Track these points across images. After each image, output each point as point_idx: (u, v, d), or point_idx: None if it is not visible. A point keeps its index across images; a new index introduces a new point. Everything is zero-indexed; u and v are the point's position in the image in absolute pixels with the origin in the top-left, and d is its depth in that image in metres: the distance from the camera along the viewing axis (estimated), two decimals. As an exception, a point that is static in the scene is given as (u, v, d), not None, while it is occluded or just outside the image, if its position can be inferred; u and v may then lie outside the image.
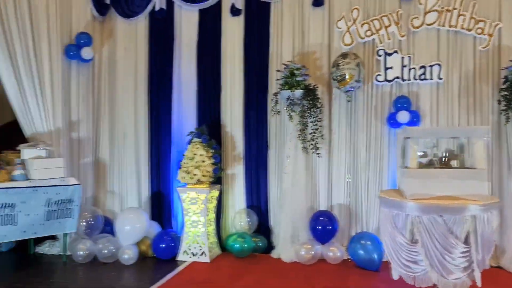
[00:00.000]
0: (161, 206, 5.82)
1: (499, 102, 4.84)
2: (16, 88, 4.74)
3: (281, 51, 5.55)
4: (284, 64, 5.25)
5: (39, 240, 5.38)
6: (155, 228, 5.50)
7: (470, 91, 5.11)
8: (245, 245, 5.20)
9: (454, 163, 3.17)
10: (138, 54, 5.85)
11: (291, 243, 5.20)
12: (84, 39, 5.33)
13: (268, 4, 5.55)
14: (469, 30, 5.05)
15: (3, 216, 4.39)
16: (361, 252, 4.76)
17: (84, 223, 5.12)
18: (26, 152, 4.68)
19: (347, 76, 4.99)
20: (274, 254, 5.30)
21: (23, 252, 5.35)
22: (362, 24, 5.31)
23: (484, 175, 2.93)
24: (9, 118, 6.06)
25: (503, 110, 4.73)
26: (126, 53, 5.86)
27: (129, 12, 5.79)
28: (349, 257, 5.02)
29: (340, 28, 5.37)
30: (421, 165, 3.23)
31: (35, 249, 5.37)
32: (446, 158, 3.18)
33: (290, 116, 5.15)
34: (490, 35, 5.02)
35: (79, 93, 5.52)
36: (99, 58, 5.82)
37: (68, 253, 5.10)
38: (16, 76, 4.71)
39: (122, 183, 5.89)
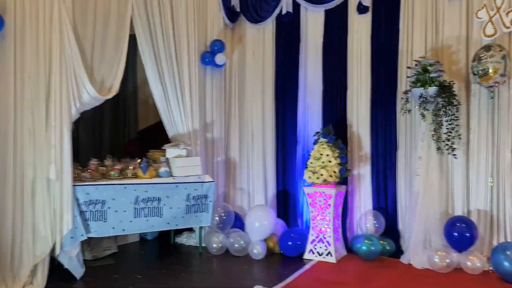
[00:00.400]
0: (286, 204, 5.98)
1: None
2: (161, 93, 5.27)
3: (412, 47, 5.29)
4: (415, 60, 5.00)
5: (178, 231, 5.91)
6: (281, 226, 5.66)
7: None
8: (372, 248, 5.07)
9: None
10: (265, 57, 6.08)
11: (423, 248, 4.92)
12: (217, 46, 5.72)
13: (398, -1, 5.33)
14: None
15: (151, 208, 4.92)
16: (506, 264, 4.30)
17: (217, 218, 5.48)
18: (170, 151, 5.19)
19: (490, 70, 4.56)
20: (404, 259, 5.06)
21: (165, 241, 5.93)
22: (507, 12, 4.79)
23: None
24: (151, 121, 6.78)
25: None
26: (254, 57, 6.13)
27: (257, 18, 6.06)
28: (490, 268, 4.57)
29: (480, 18, 4.91)
30: None
31: (174, 239, 5.91)
32: None
33: (423, 115, 4.88)
34: None
35: (213, 96, 5.95)
36: (229, 62, 6.19)
37: (203, 244, 5.52)
38: (161, 82, 5.24)
39: (250, 181, 6.18)
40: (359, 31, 5.54)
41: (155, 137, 6.08)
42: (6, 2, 3.80)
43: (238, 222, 5.70)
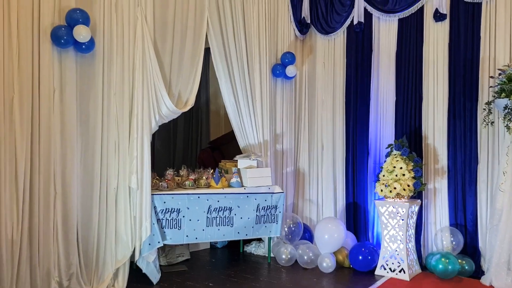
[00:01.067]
0: (356, 217, 5.85)
1: None
2: (234, 105, 5.41)
3: (495, 55, 4.98)
4: (499, 69, 4.71)
5: (247, 241, 6.01)
6: (351, 239, 5.56)
7: None
8: (449, 267, 4.82)
9: None
10: (336, 68, 6.03)
11: (507, 270, 4.59)
12: (288, 58, 5.77)
13: (479, 4, 5.05)
14: None
15: (222, 218, 5.05)
16: None
17: (286, 229, 5.50)
18: (241, 162, 5.30)
19: None
20: (485, 280, 4.75)
21: (235, 250, 6.05)
22: None
23: None
24: (223, 131, 6.98)
25: None
26: (324, 68, 6.11)
27: (328, 29, 6.04)
28: None
29: None
30: None
31: (244, 248, 6.01)
32: None
33: (508, 128, 4.57)
34: None
35: (283, 108, 5.99)
36: (300, 74, 6.21)
37: (272, 255, 5.56)
38: (234, 94, 5.37)
39: (319, 192, 6.13)
40: (436, 39, 5.32)
41: (226, 147, 6.25)
42: (96, 24, 4.12)
43: (307, 234, 5.69)
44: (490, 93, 4.86)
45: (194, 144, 7.35)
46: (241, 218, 5.17)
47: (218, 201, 5.04)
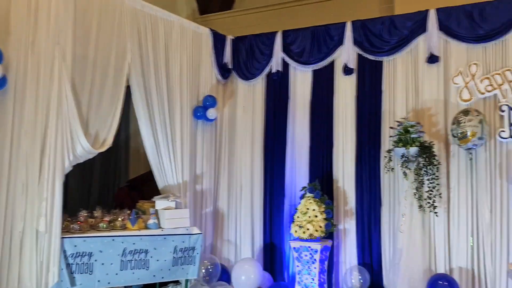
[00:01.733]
0: (273, 257, 6.02)
1: None
2: (153, 145, 5.37)
3: (394, 108, 5.58)
4: (397, 121, 5.26)
5: (163, 283, 5.86)
6: (267, 279, 5.68)
7: None
8: (358, 305, 5.12)
9: None
10: (255, 112, 6.32)
11: (407, 306, 4.99)
12: (209, 101, 5.94)
13: (381, 63, 5.67)
14: None
15: (138, 260, 4.91)
16: (488, 324, 4.38)
17: (204, 270, 5.49)
18: (159, 203, 5.25)
19: (469, 134, 4.82)
20: (391, 316, 5.12)
21: (150, 293, 5.87)
22: (482, 80, 5.13)
23: None
24: (142, 170, 6.87)
25: None
26: (244, 112, 6.37)
27: (248, 75, 6.35)
28: (473, 328, 4.64)
29: (457, 84, 5.25)
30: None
31: (160, 291, 5.86)
32: None
33: (405, 174, 5.08)
34: None
35: (203, 149, 6.08)
36: (220, 117, 6.39)
37: (188, 297, 5.48)
38: (154, 134, 5.35)
39: (238, 233, 6.23)
40: (345, 91, 5.84)
41: (147, 186, 6.16)
42: (9, 61, 3.98)
43: (225, 275, 5.71)
44: (390, 142, 5.37)
45: (111, 183, 7.13)
46: (158, 260, 5.06)
47: (134, 243, 4.90)
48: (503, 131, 4.99)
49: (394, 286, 5.15)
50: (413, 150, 5.02)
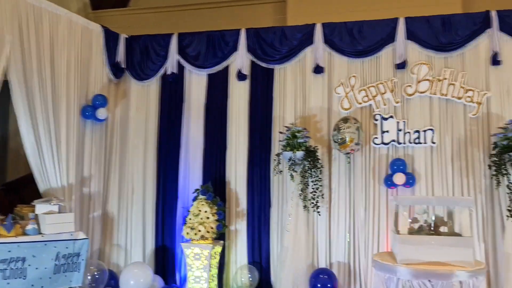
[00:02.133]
0: (165, 260, 5.97)
1: (490, 167, 5.09)
2: (33, 145, 4.99)
3: (284, 114, 5.91)
4: (286, 126, 5.58)
5: (45, 293, 5.48)
6: (159, 282, 5.62)
7: (463, 156, 5.38)
8: (246, 302, 5.30)
9: (442, 229, 3.39)
10: (149, 114, 6.22)
11: (292, 300, 5.30)
12: (99, 101, 5.70)
13: (272, 70, 5.97)
14: (459, 98, 5.40)
15: (14, 270, 4.54)
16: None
17: (90, 277, 5.25)
18: (39, 207, 4.90)
19: (347, 140, 5.29)
20: (274, 311, 5.39)
21: (29, 304, 5.43)
22: (360, 91, 5.68)
23: (470, 243, 3.13)
24: (22, 173, 6.36)
25: (493, 174, 4.97)
26: (138, 113, 6.23)
27: (142, 75, 6.23)
28: (347, 317, 5.10)
29: (339, 93, 5.74)
30: (412, 230, 3.43)
31: (40, 302, 5.45)
32: (435, 225, 3.39)
33: (292, 176, 5.41)
34: (479, 103, 5.36)
35: (92, 150, 5.82)
36: (112, 117, 6.18)
37: (72, 306, 5.19)
38: (34, 133, 4.98)
39: (128, 237, 6.07)
40: (239, 96, 6.03)
41: (25, 189, 5.70)
42: None
43: (113, 281, 5.52)
44: (279, 146, 5.68)
45: (-15, 186, 6.47)
46: (37, 268, 4.72)
47: (9, 251, 4.51)
48: (376, 137, 5.58)
49: (281, 282, 5.43)
50: (299, 154, 5.36)
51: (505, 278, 4.87)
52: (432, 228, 3.36)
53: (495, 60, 5.31)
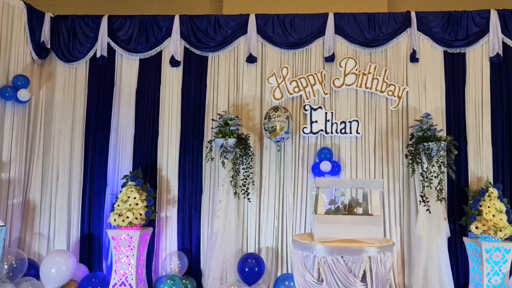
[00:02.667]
0: (91, 249, 5.80)
1: (406, 156, 5.47)
2: None
3: (217, 102, 5.95)
4: (218, 114, 5.63)
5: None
6: (82, 271, 5.46)
7: (384, 146, 5.73)
8: (174, 287, 5.30)
9: (357, 210, 3.61)
10: (76, 98, 6.00)
11: (220, 285, 5.37)
12: (21, 81, 5.41)
13: (206, 58, 5.98)
14: (382, 92, 5.74)
15: None
16: (285, 293, 5.01)
17: (7, 266, 5.00)
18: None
19: (277, 128, 5.43)
20: (203, 296, 5.44)
21: None
22: (291, 81, 5.85)
23: (379, 221, 3.37)
24: None
25: (409, 163, 5.35)
26: (64, 96, 5.98)
27: (69, 57, 5.98)
28: (276, 299, 5.25)
29: (271, 83, 5.88)
30: (329, 211, 3.62)
31: (-50, 294, 5.11)
32: (351, 206, 3.60)
33: (223, 163, 5.47)
34: (399, 97, 5.72)
35: (12, 133, 5.51)
36: (36, 99, 5.88)
37: (-13, 297, 4.92)
38: None
39: (51, 225, 5.82)
40: (171, 82, 5.98)
41: None
42: None
43: (33, 270, 5.29)
44: (212, 134, 5.72)
45: None
46: None
47: None
48: (306, 127, 5.78)
49: (210, 268, 5.48)
50: (231, 141, 5.43)
51: (417, 257, 5.28)
52: (347, 209, 3.57)
53: (413, 57, 5.70)
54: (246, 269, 5.32)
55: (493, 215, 5.01)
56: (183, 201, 5.86)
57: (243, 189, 5.47)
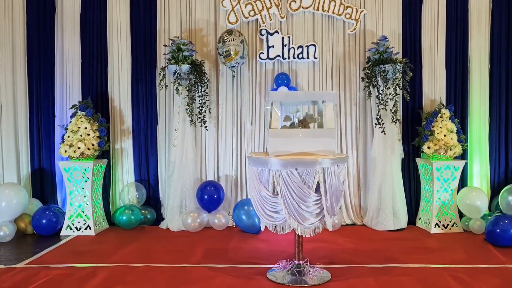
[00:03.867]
0: (43, 183, 5.62)
1: (363, 79, 5.46)
2: None
3: (169, 27, 5.64)
4: (171, 39, 5.35)
5: None
6: (37, 206, 5.30)
7: (341, 70, 5.68)
8: (133, 217, 5.25)
9: (311, 125, 3.59)
10: (15, 25, 5.53)
11: (179, 213, 5.38)
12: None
13: (155, -21, 5.59)
14: (339, 15, 5.59)
15: None
16: (244, 217, 5.06)
17: (-48, 202, 4.77)
18: None
19: (232, 52, 5.25)
20: (163, 225, 5.43)
21: None
22: (246, 5, 5.60)
23: (332, 133, 3.35)
24: None
25: (366, 86, 5.34)
26: (1, 24, 5.50)
27: (3, -22, 5.44)
28: (234, 223, 5.32)
29: (225, 7, 5.60)
30: (284, 127, 3.58)
31: None
32: (305, 121, 3.57)
33: (177, 90, 5.28)
34: (357, 20, 5.61)
35: None
36: (-32, 25, 5.39)
37: None
38: None
39: (-1, 160, 5.56)
40: (118, 6, 5.59)
41: None
42: None
43: (-18, 205, 5.07)
44: (165, 60, 5.46)
45: None
46: None
47: None
48: (262, 52, 5.62)
49: (169, 197, 5.45)
50: (185, 67, 5.22)
51: (372, 179, 5.43)
52: (302, 124, 3.54)
53: (371, -22, 5.55)
54: (205, 197, 5.33)
55: (444, 135, 5.15)
56: (137, 131, 5.69)
57: (199, 117, 5.35)
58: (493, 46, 5.57)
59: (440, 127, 5.19)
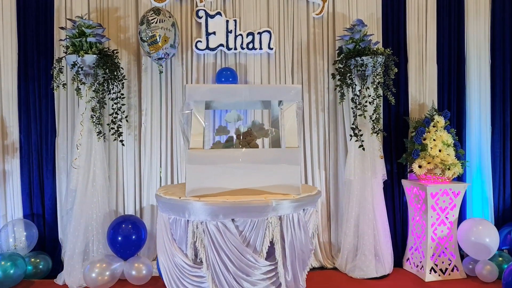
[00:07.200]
0: None
1: (333, 76, 4.14)
2: None
3: (71, 5, 4.12)
4: (70, 19, 3.83)
5: None
6: None
7: (305, 65, 4.36)
8: (12, 271, 3.64)
9: (260, 142, 2.17)
10: None
11: (82, 261, 3.81)
12: None
13: None
14: (302, -8, 4.28)
15: None
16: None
17: None
18: None
19: (160, 38, 3.81)
20: (59, 279, 3.86)
21: None
22: (178, -21, 4.17)
23: (295, 156, 1.95)
24: None
25: (337, 85, 4.01)
26: None
27: None
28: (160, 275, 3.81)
29: (153, -19, 4.16)
30: (217, 145, 2.16)
31: None
32: (250, 135, 2.15)
33: (78, 90, 3.75)
34: (324, 1, 4.30)
35: None
36: None
37: None
38: None
39: None
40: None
41: None
42: None
43: None
44: (63, 49, 3.92)
45: None
46: None
47: None
48: (200, 41, 4.21)
49: (67, 238, 3.87)
50: (89, 58, 3.70)
51: (345, 208, 4.09)
52: (245, 141, 2.12)
53: None
54: (119, 238, 3.80)
55: (440, 150, 3.90)
56: (27, 148, 4.12)
57: (112, 128, 3.83)
58: (495, 35, 4.43)
59: (434, 140, 3.94)
